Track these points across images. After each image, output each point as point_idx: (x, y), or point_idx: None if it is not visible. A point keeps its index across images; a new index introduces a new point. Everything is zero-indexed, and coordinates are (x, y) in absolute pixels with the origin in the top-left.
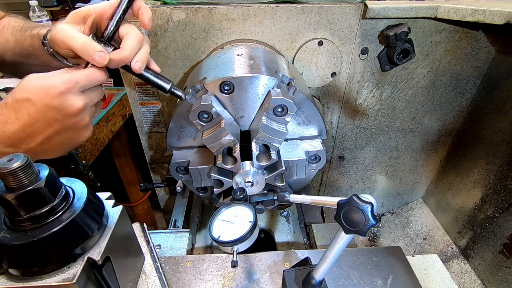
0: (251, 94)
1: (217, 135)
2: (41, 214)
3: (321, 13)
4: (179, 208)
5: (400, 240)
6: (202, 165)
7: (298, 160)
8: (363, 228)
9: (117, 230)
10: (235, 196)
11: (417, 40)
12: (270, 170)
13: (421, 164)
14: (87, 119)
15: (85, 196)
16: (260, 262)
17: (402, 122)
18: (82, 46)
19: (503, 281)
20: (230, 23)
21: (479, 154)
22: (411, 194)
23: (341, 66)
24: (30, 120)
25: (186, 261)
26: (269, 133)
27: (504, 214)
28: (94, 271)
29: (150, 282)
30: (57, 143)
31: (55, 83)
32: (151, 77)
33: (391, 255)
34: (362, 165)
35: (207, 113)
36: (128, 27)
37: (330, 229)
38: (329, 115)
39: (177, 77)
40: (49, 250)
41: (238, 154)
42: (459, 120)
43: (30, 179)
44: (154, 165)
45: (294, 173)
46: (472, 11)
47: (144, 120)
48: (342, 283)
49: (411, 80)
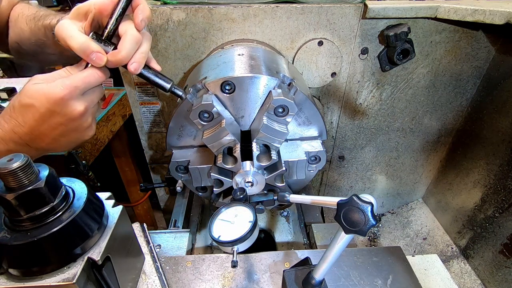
0: (252, 94)
1: (217, 134)
2: (41, 214)
3: (321, 13)
4: (179, 208)
5: (400, 240)
6: (202, 164)
7: (298, 160)
8: (363, 228)
9: (117, 230)
10: (235, 196)
11: (417, 40)
12: (270, 170)
13: (421, 164)
14: (89, 120)
15: (85, 196)
16: (260, 262)
17: (402, 122)
18: (79, 46)
19: (503, 281)
20: (230, 23)
21: (479, 154)
22: (411, 194)
23: (341, 66)
24: (36, 124)
25: (186, 261)
26: (270, 133)
27: (504, 214)
28: (94, 271)
29: (150, 282)
30: (64, 142)
31: (55, 89)
32: (151, 77)
33: (391, 255)
34: (362, 165)
35: (208, 113)
36: (126, 26)
37: (330, 229)
38: (329, 115)
39: (177, 77)
40: (49, 250)
41: (239, 154)
42: (459, 120)
43: (30, 179)
44: (154, 165)
45: (294, 173)
46: (472, 11)
47: (144, 120)
48: (342, 283)
49: (411, 80)
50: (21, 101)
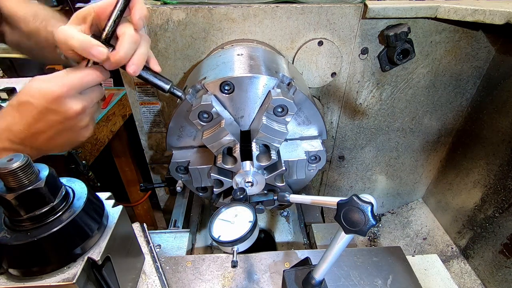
0: (251, 94)
1: (217, 135)
2: (41, 214)
3: (321, 13)
4: (179, 208)
5: (400, 240)
6: (202, 165)
7: (298, 160)
8: (363, 228)
9: (117, 230)
10: (235, 196)
11: (417, 40)
12: (270, 170)
13: (421, 164)
14: (86, 120)
15: (85, 196)
16: (260, 262)
17: (402, 122)
18: (80, 43)
19: (503, 281)
20: (230, 23)
21: (479, 154)
22: (411, 194)
23: (341, 66)
24: (33, 121)
25: (186, 261)
26: (269, 133)
27: (504, 214)
28: (94, 271)
29: (150, 282)
30: (59, 142)
31: (52, 87)
32: (150, 78)
33: (391, 255)
34: (362, 165)
35: (207, 113)
36: (124, 27)
37: (330, 229)
38: (329, 115)
39: (177, 77)
40: (49, 250)
41: (238, 154)
42: (459, 120)
43: (30, 179)
44: (154, 165)
45: (294, 173)
46: (472, 11)
47: (144, 120)
48: (342, 283)
49: (411, 80)
50: (19, 99)
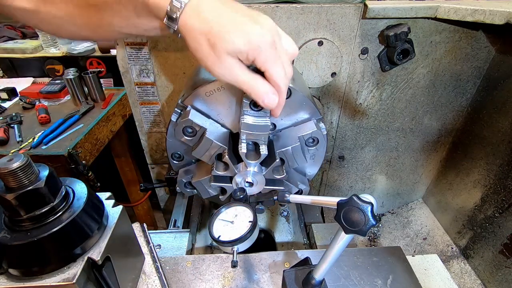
0: (230, 94)
1: (204, 145)
2: (41, 214)
3: (321, 13)
4: (179, 208)
5: (400, 240)
6: (203, 176)
7: (292, 147)
8: (363, 228)
9: (117, 230)
10: (235, 196)
11: (417, 40)
12: (266, 165)
13: (421, 164)
14: None
15: (85, 196)
16: (260, 262)
17: (402, 122)
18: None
19: (503, 281)
20: None
21: (479, 154)
22: (411, 194)
23: (341, 66)
24: None
25: (186, 261)
26: (251, 129)
27: (504, 214)
28: (94, 271)
29: (150, 282)
30: None
31: None
32: None
33: (391, 255)
34: (362, 165)
35: (190, 127)
36: None
37: (330, 229)
38: (329, 115)
39: (177, 77)
40: (49, 250)
41: (228, 159)
42: (459, 120)
43: (30, 179)
44: (154, 165)
45: (294, 161)
46: (472, 11)
47: (144, 120)
48: (342, 283)
49: (411, 80)
50: None
